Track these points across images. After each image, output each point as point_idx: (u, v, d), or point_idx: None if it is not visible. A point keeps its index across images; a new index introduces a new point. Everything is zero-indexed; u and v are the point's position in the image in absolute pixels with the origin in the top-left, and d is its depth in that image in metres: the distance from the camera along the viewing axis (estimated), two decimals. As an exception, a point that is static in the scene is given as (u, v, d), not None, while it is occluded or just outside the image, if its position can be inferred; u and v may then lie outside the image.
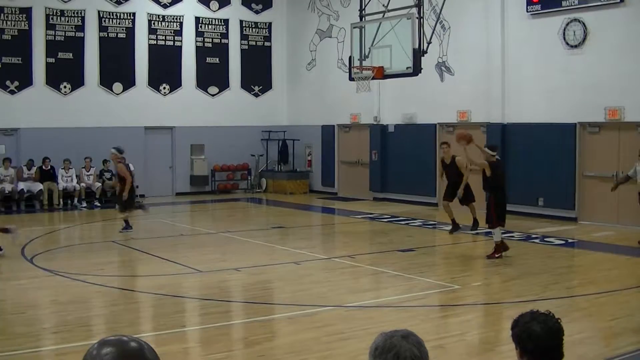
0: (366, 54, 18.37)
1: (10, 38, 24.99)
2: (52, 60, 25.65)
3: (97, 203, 25.01)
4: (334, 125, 27.71)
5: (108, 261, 15.06)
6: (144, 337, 2.61)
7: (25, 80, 25.20)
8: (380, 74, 17.76)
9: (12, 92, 25.02)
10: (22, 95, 25.16)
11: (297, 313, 10.92)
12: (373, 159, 25.67)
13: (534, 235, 17.68)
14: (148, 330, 10.02)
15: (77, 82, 26.11)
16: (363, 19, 19.13)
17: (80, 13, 26.11)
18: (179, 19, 28.05)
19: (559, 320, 3.81)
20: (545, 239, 17.14)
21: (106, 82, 26.63)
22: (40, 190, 24.18)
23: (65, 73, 25.86)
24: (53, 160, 24.54)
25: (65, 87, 25.90)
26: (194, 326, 10.65)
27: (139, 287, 12.39)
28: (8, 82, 24.93)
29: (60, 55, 25.80)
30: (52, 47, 25.64)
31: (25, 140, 24.85)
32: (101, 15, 26.50)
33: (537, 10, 20.59)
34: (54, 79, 25.66)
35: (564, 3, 19.86)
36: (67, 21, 25.92)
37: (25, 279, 13.31)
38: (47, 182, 24.29)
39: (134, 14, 27.09)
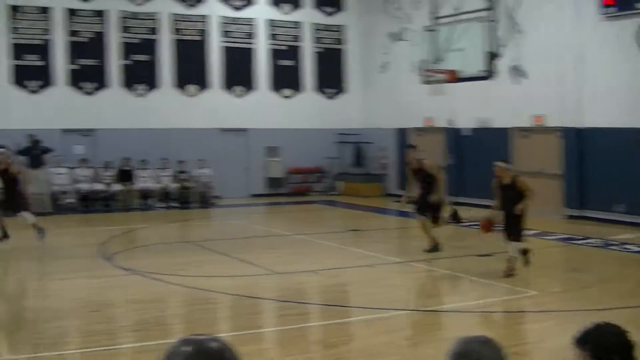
0: (439, 57, 18.16)
1: (86, 40, 25.47)
2: (127, 62, 26.05)
3: (173, 203, 25.26)
4: (407, 129, 27.50)
5: (185, 261, 15.14)
6: (220, 337, 2.58)
7: (102, 81, 25.66)
8: (454, 77, 17.59)
9: (89, 94, 25.49)
10: (98, 96, 25.62)
11: (373, 316, 10.81)
12: (448, 163, 25.38)
13: (612, 242, 17.24)
14: (225, 331, 10.01)
15: (153, 84, 26.48)
16: (436, 22, 18.92)
17: (154, 16, 26.48)
18: (252, 21, 28.21)
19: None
20: (624, 246, 16.71)
21: (181, 84, 26.93)
22: (118, 190, 24.54)
23: (141, 75, 26.26)
24: (130, 161, 24.89)
25: (140, 89, 26.28)
26: (271, 327, 10.65)
27: (215, 288, 12.42)
28: (85, 84, 25.40)
29: (135, 57, 26.19)
30: (127, 50, 26.05)
31: (102, 141, 25.26)
32: (174, 18, 26.83)
33: (612, 13, 20.08)
34: (129, 81, 26.05)
35: (638, 5, 19.36)
36: (141, 24, 26.32)
37: (103, 278, 13.48)
38: (125, 182, 24.64)
39: (207, 16, 27.36)
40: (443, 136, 25.77)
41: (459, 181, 24.93)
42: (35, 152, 22.81)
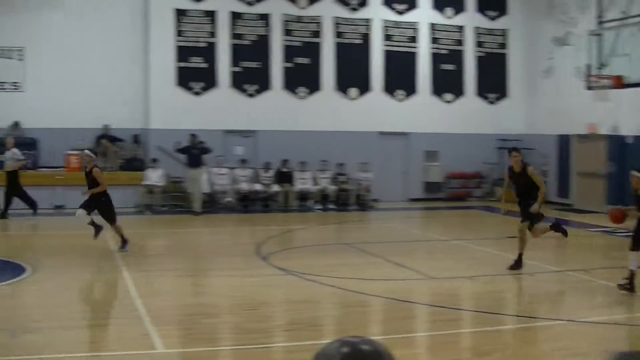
0: (604, 62, 17.30)
1: (249, 43, 25.92)
2: (289, 65, 26.33)
3: (331, 205, 25.30)
4: (570, 135, 26.51)
5: (340, 263, 15.03)
6: (376, 340, 2.41)
7: (263, 84, 26.02)
8: (619, 83, 16.70)
9: (250, 95, 25.91)
10: (260, 98, 26.00)
11: (528, 325, 10.45)
12: (608, 170, 24.33)
13: None
14: (376, 334, 9.82)
15: (314, 86, 26.63)
16: (601, 26, 18.06)
17: (317, 19, 26.65)
18: (414, 25, 27.95)
19: None
20: None
21: (342, 87, 26.98)
22: (277, 191, 24.80)
23: (302, 78, 26.46)
24: (289, 163, 25.14)
25: (302, 91, 26.50)
26: (422, 332, 10.39)
27: (369, 290, 12.25)
28: (247, 86, 25.85)
29: (297, 60, 26.44)
30: (289, 52, 26.33)
31: (262, 142, 25.64)
32: (337, 22, 26.92)
33: None
34: (291, 84, 26.32)
35: None
36: (304, 27, 26.54)
37: (259, 277, 13.57)
38: (284, 183, 24.88)
39: (370, 20, 27.31)
40: (605, 143, 24.69)
41: (619, 189, 23.76)
42: (194, 151, 23.31)
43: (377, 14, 27.42)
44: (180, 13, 25.35)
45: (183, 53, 25.40)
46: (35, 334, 9.44)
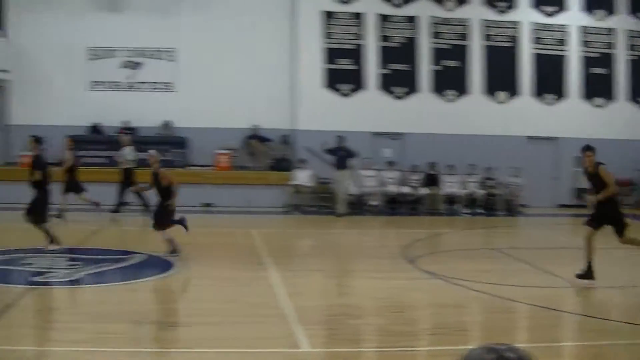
0: None
1: (397, 45, 25.89)
2: (437, 67, 26.12)
3: (479, 210, 24.92)
4: None
5: (487, 268, 14.80)
6: (520, 348, 2.30)
7: (411, 86, 25.94)
8: None
9: (399, 98, 25.88)
10: (408, 101, 25.97)
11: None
12: None
13: None
14: (521, 341, 9.56)
15: (462, 89, 26.38)
16: None
17: (465, 22, 26.35)
18: (564, 28, 27.22)
19: None
20: None
21: (490, 90, 26.58)
22: (424, 194, 24.62)
23: (451, 80, 26.28)
24: (437, 166, 24.93)
25: (450, 94, 26.26)
26: (568, 342, 10.06)
27: (516, 297, 11.96)
28: (395, 88, 25.82)
29: (445, 63, 26.20)
30: (437, 55, 26.13)
31: (410, 144, 25.58)
32: (485, 24, 26.53)
33: None
34: (439, 86, 26.12)
35: None
36: (452, 30, 26.29)
37: (405, 279, 13.51)
38: (432, 186, 24.68)
39: (518, 23, 26.79)
40: None
41: None
42: (341, 153, 23.44)
43: (526, 17, 26.96)
44: (328, 15, 25.62)
45: (331, 55, 25.64)
46: (184, 328, 9.72)
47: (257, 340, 9.21)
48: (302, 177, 24.22)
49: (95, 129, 25.24)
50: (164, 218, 14.88)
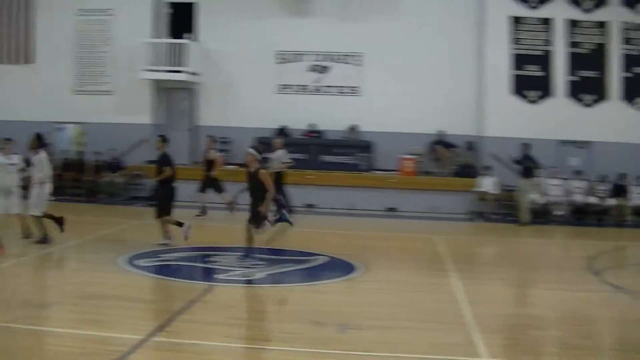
0: None
1: (586, 52, 25.26)
2: (628, 74, 25.27)
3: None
4: None
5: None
6: None
7: (600, 94, 25.24)
8: None
9: (587, 105, 25.24)
10: (597, 109, 25.26)
11: None
12: None
13: None
14: None
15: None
16: None
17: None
18: None
19: None
20: None
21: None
22: (612, 205, 23.93)
23: (643, 88, 25.34)
24: (627, 176, 24.13)
25: (640, 102, 25.40)
26: None
27: None
28: (584, 95, 25.20)
29: (637, 70, 25.29)
30: (628, 62, 25.27)
31: (598, 154, 24.87)
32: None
33: None
34: (629, 94, 25.25)
35: None
36: (644, 36, 25.41)
37: (589, 292, 13.18)
38: (619, 197, 23.95)
39: None
40: None
41: None
42: (526, 161, 23.13)
43: None
44: (516, 21, 25.33)
45: (518, 61, 25.35)
46: (364, 331, 9.92)
47: (434, 346, 9.34)
48: (487, 184, 24.09)
49: (281, 131, 26.03)
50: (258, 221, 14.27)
